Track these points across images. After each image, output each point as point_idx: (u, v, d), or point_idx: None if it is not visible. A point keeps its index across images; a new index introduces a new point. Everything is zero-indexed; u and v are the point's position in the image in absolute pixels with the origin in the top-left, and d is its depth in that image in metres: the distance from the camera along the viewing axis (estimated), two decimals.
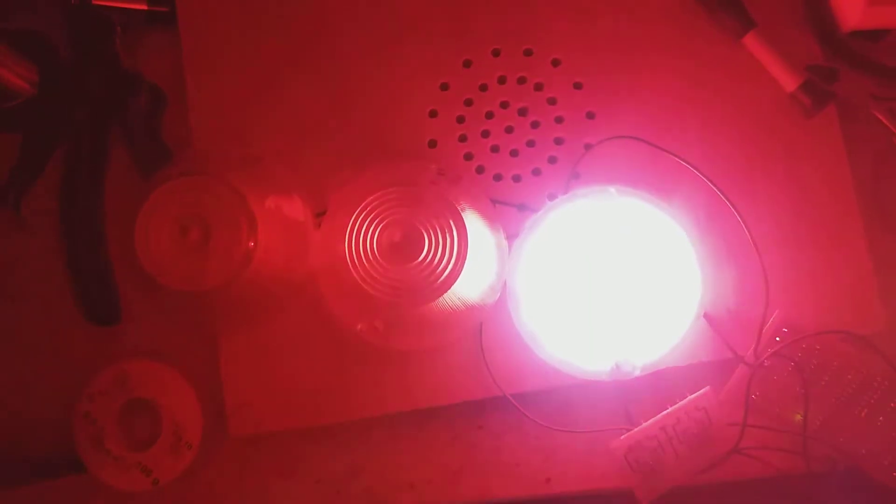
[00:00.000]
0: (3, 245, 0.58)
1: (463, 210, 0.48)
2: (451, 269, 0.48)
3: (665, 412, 0.51)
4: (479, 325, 0.53)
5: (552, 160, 0.56)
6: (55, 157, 0.59)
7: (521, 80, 0.56)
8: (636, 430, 0.51)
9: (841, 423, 0.52)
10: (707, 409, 0.52)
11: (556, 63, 0.57)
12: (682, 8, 0.56)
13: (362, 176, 0.51)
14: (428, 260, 0.48)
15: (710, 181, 0.53)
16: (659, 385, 0.53)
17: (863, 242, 0.54)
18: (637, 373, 0.52)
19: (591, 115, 0.56)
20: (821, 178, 0.54)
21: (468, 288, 0.50)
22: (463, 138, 0.56)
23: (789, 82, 0.54)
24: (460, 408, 0.55)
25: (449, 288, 0.47)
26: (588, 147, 0.55)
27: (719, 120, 0.55)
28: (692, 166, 0.53)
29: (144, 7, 0.57)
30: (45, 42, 0.59)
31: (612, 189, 0.52)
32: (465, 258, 0.48)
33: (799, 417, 0.52)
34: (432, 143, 0.56)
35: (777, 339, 0.52)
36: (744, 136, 0.55)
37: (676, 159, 0.54)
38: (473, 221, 0.49)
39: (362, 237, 0.48)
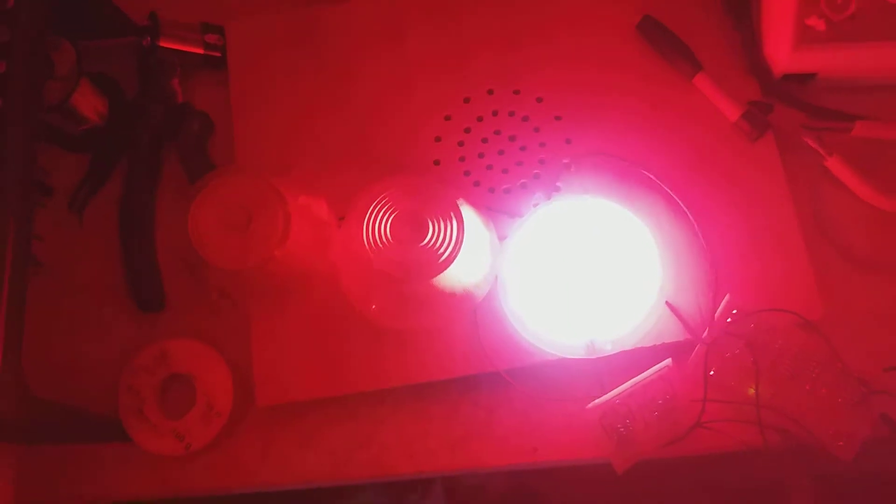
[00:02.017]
0: (69, 244, 0.68)
1: (461, 204, 0.58)
2: (452, 250, 0.57)
3: (632, 380, 0.59)
4: (474, 310, 0.62)
5: (536, 176, 0.66)
6: (116, 173, 0.70)
7: (511, 114, 0.68)
8: (609, 395, 0.59)
9: (789, 396, 0.60)
10: (669, 380, 0.60)
11: (539, 100, 0.68)
12: (642, 55, 0.68)
13: (377, 182, 0.61)
14: (431, 242, 0.57)
15: (670, 190, 0.63)
16: (630, 365, 0.61)
17: (801, 245, 0.63)
18: (608, 349, 0.60)
19: (568, 141, 0.67)
20: (763, 191, 0.64)
21: (465, 274, 0.60)
22: (462, 159, 0.67)
23: (732, 113, 0.65)
24: (457, 384, 0.63)
25: (449, 265, 0.56)
26: (566, 165, 0.66)
27: (677, 143, 0.66)
28: (654, 177, 0.64)
29: (201, 51, 0.69)
30: (115, 84, 0.72)
31: (586, 197, 0.63)
32: (462, 241, 0.57)
33: (752, 391, 0.60)
34: (437, 162, 0.67)
35: (728, 320, 0.60)
36: (698, 156, 0.65)
37: (642, 172, 0.64)
38: (470, 216, 0.59)
39: (377, 224, 0.57)
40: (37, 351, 0.58)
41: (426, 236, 0.57)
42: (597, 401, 0.59)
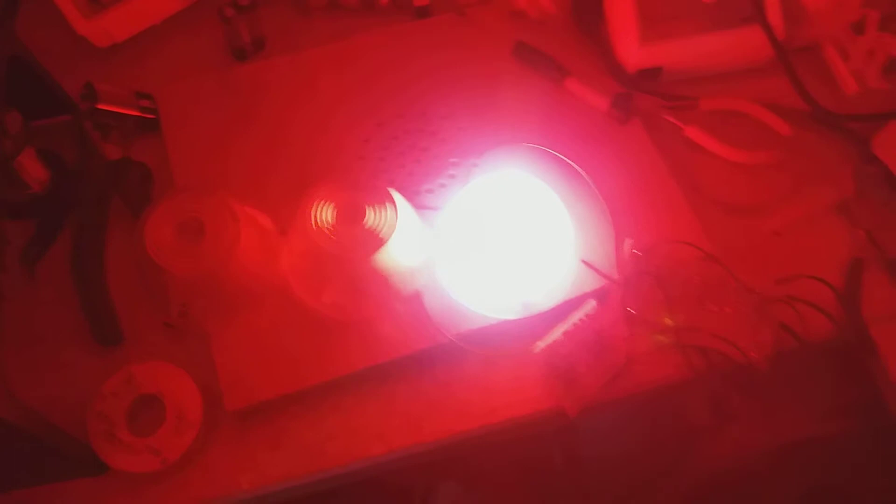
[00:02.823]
0: (23, 297, 0.70)
1: (393, 192, 0.66)
2: (389, 226, 0.64)
3: (565, 322, 0.67)
4: (417, 291, 0.69)
5: (451, 175, 0.76)
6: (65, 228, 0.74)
7: (421, 130, 0.78)
8: (547, 337, 0.66)
9: (700, 319, 0.69)
10: (596, 318, 0.67)
11: (443, 117, 0.79)
12: (521, 71, 0.81)
13: (317, 185, 0.68)
14: (371, 222, 0.65)
15: (571, 162, 0.74)
16: (560, 318, 0.68)
17: (681, 198, 0.74)
18: (540, 308, 0.68)
19: (474, 144, 0.77)
20: (641, 161, 0.76)
21: (405, 257, 0.67)
22: (385, 171, 0.76)
23: (602, 104, 0.78)
24: (413, 364, 0.68)
25: (389, 239, 0.64)
26: (475, 164, 0.76)
27: (565, 132, 0.77)
28: (556, 152, 0.74)
29: (137, 113, 0.77)
30: (57, 157, 0.77)
31: (502, 172, 0.72)
32: (397, 219, 0.65)
33: (668, 320, 0.69)
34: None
35: (634, 252, 0.70)
36: (583, 141, 0.76)
37: (544, 150, 0.74)
38: (402, 202, 0.67)
39: (322, 215, 0.65)
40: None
41: (365, 217, 0.65)
42: (539, 343, 0.66)
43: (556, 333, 0.66)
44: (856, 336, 0.70)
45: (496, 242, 0.69)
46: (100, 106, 0.74)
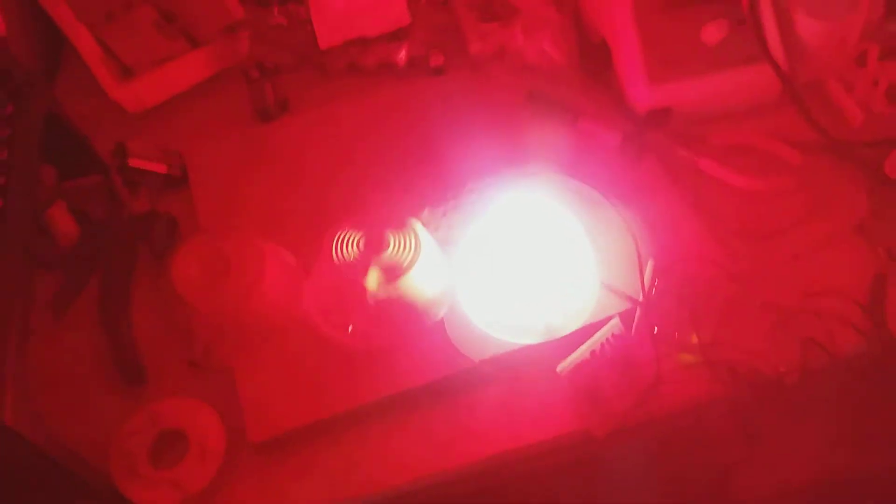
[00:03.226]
0: (51, 342, 0.71)
1: (415, 222, 0.68)
2: (413, 255, 0.65)
3: (589, 341, 0.66)
4: (441, 320, 0.69)
5: (470, 204, 0.77)
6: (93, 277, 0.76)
7: (439, 172, 0.80)
8: (572, 356, 0.65)
9: (725, 335, 0.68)
10: (621, 336, 0.67)
11: (462, 159, 0.81)
12: (534, 115, 0.84)
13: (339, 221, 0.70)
14: (394, 251, 0.66)
15: (593, 188, 0.75)
16: (583, 342, 0.68)
17: (699, 225, 0.75)
18: (563, 331, 0.68)
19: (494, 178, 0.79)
20: (656, 193, 0.78)
21: (427, 286, 0.68)
22: (405, 204, 0.77)
23: (615, 140, 0.81)
24: (434, 392, 0.67)
25: (412, 267, 0.65)
26: (492, 190, 0.77)
27: (581, 166, 0.79)
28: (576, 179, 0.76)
29: (164, 170, 0.80)
30: (85, 214, 0.80)
31: (524, 195, 0.73)
32: (420, 247, 0.66)
33: (694, 338, 0.68)
34: None
35: (656, 282, 0.70)
36: (602, 174, 0.78)
37: (570, 180, 0.76)
38: (424, 233, 0.68)
39: (346, 245, 0.66)
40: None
41: (389, 246, 0.66)
42: (563, 362, 0.65)
43: (582, 353, 0.66)
44: (884, 348, 0.68)
45: (517, 267, 0.70)
46: (130, 162, 0.78)
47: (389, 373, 0.67)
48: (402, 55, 0.90)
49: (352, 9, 0.86)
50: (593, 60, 0.88)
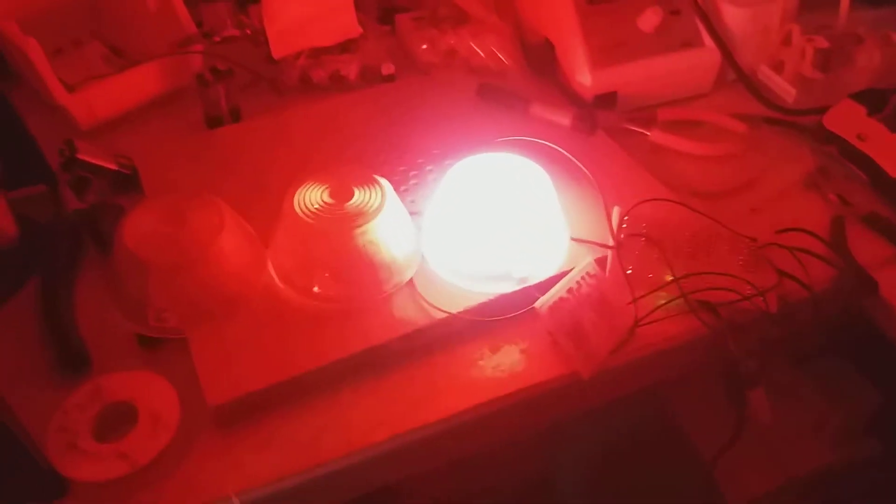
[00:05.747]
0: None
1: (381, 179, 0.67)
2: (379, 203, 0.64)
3: (565, 279, 0.64)
4: (410, 279, 0.66)
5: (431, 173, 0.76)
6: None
7: (398, 160, 0.80)
8: (549, 293, 0.63)
9: (699, 269, 0.66)
10: (598, 278, 0.65)
11: (419, 150, 0.81)
12: (486, 105, 0.86)
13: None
14: (360, 200, 0.64)
15: (556, 146, 0.75)
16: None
17: (658, 184, 0.76)
18: (536, 279, 0.66)
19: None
20: (613, 164, 0.79)
21: (392, 240, 0.65)
22: None
23: (565, 121, 0.82)
24: (407, 350, 0.63)
25: (378, 214, 0.63)
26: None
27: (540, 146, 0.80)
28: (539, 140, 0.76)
29: (114, 167, 0.78)
30: (27, 219, 0.76)
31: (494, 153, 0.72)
32: (385, 198, 0.64)
33: (668, 276, 0.66)
34: None
35: (624, 225, 0.69)
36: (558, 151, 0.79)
37: (539, 142, 0.76)
38: (389, 189, 0.67)
39: (309, 196, 0.64)
40: None
41: (354, 196, 0.64)
42: (541, 298, 0.62)
43: (560, 289, 0.63)
44: (856, 276, 0.68)
45: (486, 222, 0.68)
46: (79, 156, 0.75)
47: (358, 331, 0.63)
48: (353, 68, 0.92)
49: (304, 19, 0.88)
50: (537, 59, 0.92)
